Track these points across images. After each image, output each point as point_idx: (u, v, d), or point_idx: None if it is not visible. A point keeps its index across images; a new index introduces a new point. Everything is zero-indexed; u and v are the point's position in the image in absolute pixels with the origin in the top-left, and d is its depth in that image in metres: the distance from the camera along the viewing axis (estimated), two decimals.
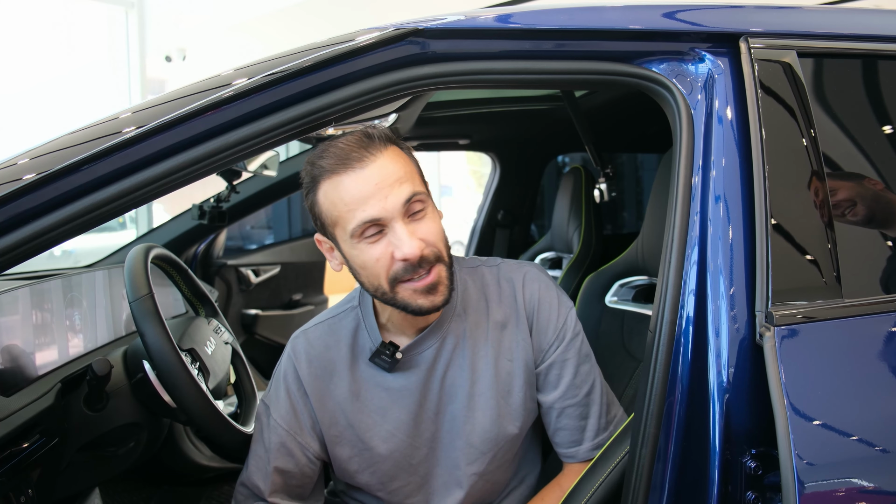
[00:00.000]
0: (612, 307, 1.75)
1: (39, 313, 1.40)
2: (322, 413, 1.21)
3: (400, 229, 1.04)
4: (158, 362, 1.30)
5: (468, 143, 2.98)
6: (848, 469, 0.93)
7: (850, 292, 1.03)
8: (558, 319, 1.23)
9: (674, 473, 1.01)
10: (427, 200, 1.10)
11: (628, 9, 1.15)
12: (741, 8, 1.17)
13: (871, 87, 1.19)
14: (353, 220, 1.05)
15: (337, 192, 1.06)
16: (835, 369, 0.99)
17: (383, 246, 1.06)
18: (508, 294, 1.23)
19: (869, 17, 1.24)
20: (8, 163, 0.93)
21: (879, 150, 1.16)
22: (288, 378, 1.23)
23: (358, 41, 1.04)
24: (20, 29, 6.23)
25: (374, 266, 1.07)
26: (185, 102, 0.98)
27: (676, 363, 1.02)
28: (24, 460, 1.13)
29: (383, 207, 1.04)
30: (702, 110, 1.10)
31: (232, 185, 2.31)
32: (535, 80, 1.14)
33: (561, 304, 1.24)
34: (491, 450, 1.21)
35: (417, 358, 1.19)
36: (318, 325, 1.26)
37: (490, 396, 1.20)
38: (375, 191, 1.04)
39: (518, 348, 1.22)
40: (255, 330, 3.05)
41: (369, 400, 1.20)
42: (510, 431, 1.22)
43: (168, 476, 2.07)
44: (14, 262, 0.91)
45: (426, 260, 1.06)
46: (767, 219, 1.02)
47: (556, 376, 1.22)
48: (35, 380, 1.30)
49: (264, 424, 1.24)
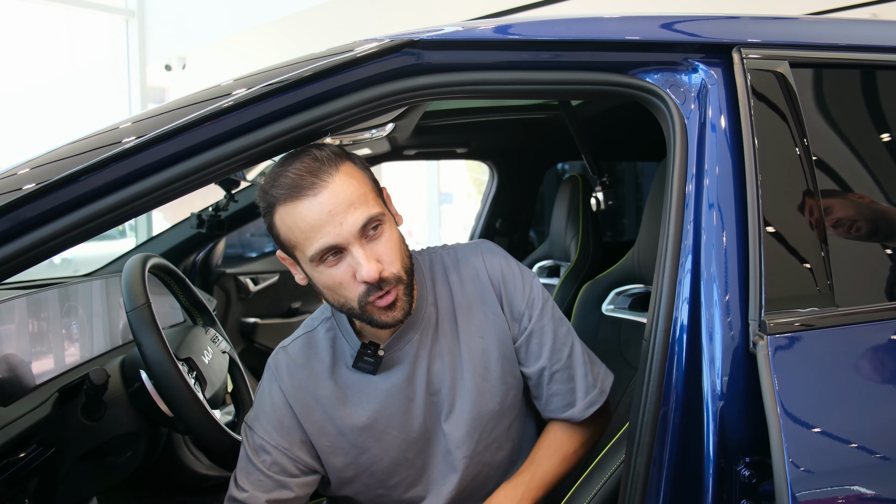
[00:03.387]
0: (608, 315, 1.75)
1: (37, 323, 1.40)
2: (310, 425, 1.20)
3: (357, 253, 1.05)
4: (155, 372, 1.31)
5: (466, 151, 2.99)
6: (841, 477, 0.93)
7: (843, 301, 1.03)
8: (524, 288, 1.24)
9: (669, 481, 1.01)
10: (383, 219, 1.09)
11: (623, 20, 1.16)
12: (734, 19, 1.18)
13: (863, 97, 1.20)
14: (310, 248, 1.06)
15: (292, 219, 1.06)
16: (828, 378, 0.99)
17: (344, 268, 1.07)
18: (471, 274, 1.25)
19: (862, 28, 1.26)
20: (8, 173, 0.94)
21: (872, 159, 1.16)
22: (273, 395, 1.21)
23: (354, 52, 1.05)
24: (22, 37, 6.26)
25: (339, 289, 1.09)
26: (184, 113, 0.99)
27: (671, 371, 1.03)
28: (22, 470, 1.14)
29: (338, 234, 1.04)
30: (695, 120, 1.11)
31: (230, 194, 2.32)
32: (530, 90, 1.15)
33: (523, 273, 1.27)
34: (476, 430, 1.22)
35: (399, 354, 1.20)
36: (296, 341, 1.26)
37: (468, 378, 1.21)
38: (329, 218, 1.04)
39: (489, 325, 1.23)
40: (254, 338, 3.06)
41: (357, 405, 1.20)
42: (492, 408, 1.22)
43: (167, 485, 2.07)
44: (14, 271, 0.92)
45: (386, 281, 1.08)
46: (761, 228, 1.03)
47: (538, 345, 1.24)
48: (33, 389, 1.30)
49: (250, 446, 1.20)
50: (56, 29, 6.66)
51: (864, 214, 1.13)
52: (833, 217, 1.09)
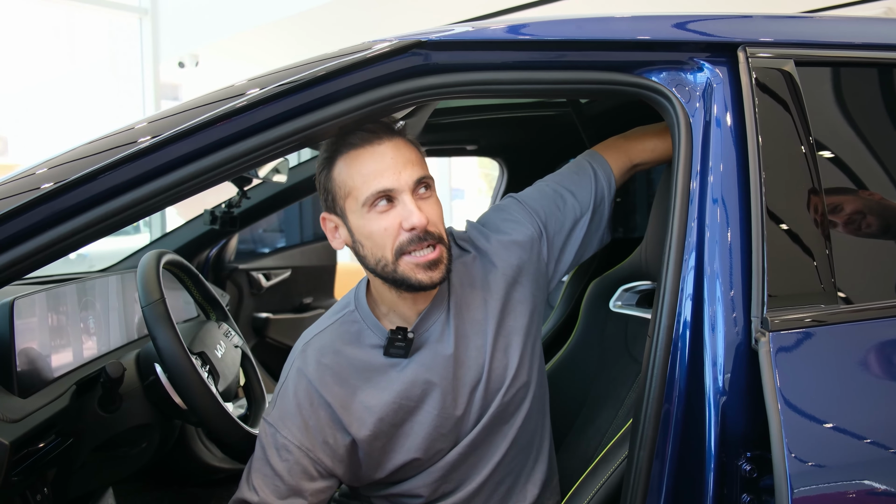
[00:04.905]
0: (616, 312, 1.76)
1: (56, 317, 1.44)
2: (349, 418, 1.20)
3: (409, 202, 1.13)
4: (169, 365, 1.34)
5: (475, 148, 3.00)
6: (840, 473, 0.95)
7: (845, 298, 1.04)
8: (512, 213, 1.33)
9: (671, 476, 1.03)
10: (432, 184, 1.19)
11: (630, 20, 1.17)
12: (740, 18, 1.19)
13: (868, 96, 1.20)
14: (367, 190, 1.13)
15: (355, 165, 1.15)
16: (829, 374, 1.00)
17: (392, 217, 1.13)
18: (479, 254, 1.31)
19: (867, 26, 1.26)
20: (27, 172, 0.96)
21: (876, 158, 1.17)
22: (299, 393, 1.21)
23: (364, 53, 1.07)
24: (38, 35, 6.33)
25: (382, 235, 1.14)
26: (197, 113, 1.01)
27: (674, 367, 1.04)
28: (41, 459, 1.17)
29: (397, 180, 1.13)
30: (700, 118, 1.12)
31: (243, 190, 2.35)
32: (536, 89, 1.16)
33: (500, 208, 1.35)
34: (503, 402, 1.24)
35: (426, 335, 1.23)
36: (321, 334, 1.26)
37: (492, 351, 1.24)
38: (391, 164, 1.13)
39: (516, 298, 1.28)
40: (266, 333, 3.09)
41: (394, 391, 1.21)
42: (519, 379, 1.25)
43: (180, 477, 2.10)
44: (33, 267, 0.94)
45: (431, 235, 1.14)
46: (764, 225, 1.04)
47: (555, 208, 1.34)
48: (51, 382, 1.33)
49: (270, 445, 1.19)
50: (70, 26, 6.73)
51: (868, 213, 1.14)
52: (836, 215, 1.10)
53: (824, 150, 1.11)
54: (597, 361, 1.72)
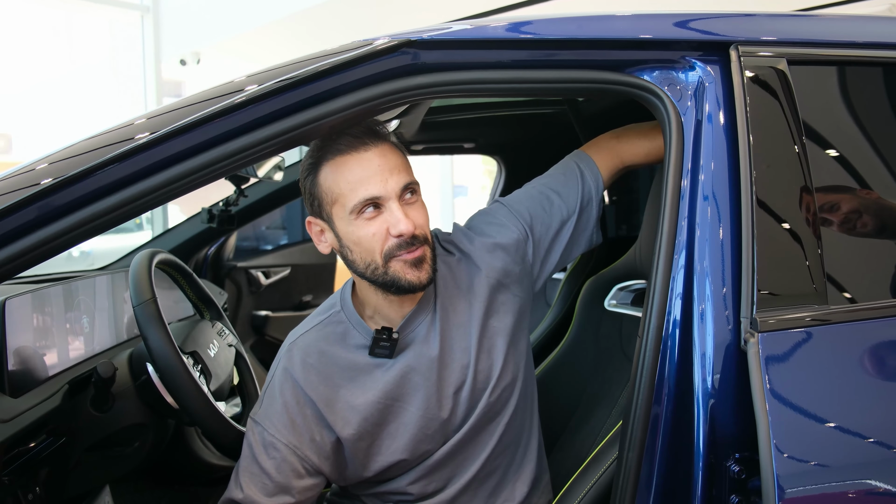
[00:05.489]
0: (611, 311, 1.76)
1: (48, 317, 1.44)
2: (333, 417, 1.21)
3: (396, 209, 1.14)
4: (161, 365, 1.34)
5: (473, 146, 3.00)
6: (828, 475, 0.94)
7: (835, 299, 1.04)
8: (497, 217, 1.33)
9: (660, 476, 1.02)
10: (418, 189, 1.20)
11: (621, 19, 1.17)
12: (732, 16, 1.18)
13: (860, 94, 1.19)
14: (354, 198, 1.13)
15: (341, 172, 1.15)
16: (818, 376, 1.00)
17: (379, 223, 1.14)
18: (463, 257, 1.31)
19: (860, 25, 1.25)
20: (27, 168, 0.96)
21: (868, 156, 1.16)
22: (285, 392, 1.22)
23: (353, 52, 1.06)
24: (39, 33, 6.35)
25: (370, 241, 1.15)
26: (192, 111, 1.01)
27: (663, 367, 1.04)
28: (33, 459, 1.17)
29: (384, 188, 1.13)
30: (691, 117, 1.11)
31: (240, 189, 2.35)
32: (527, 88, 1.15)
33: (485, 212, 1.36)
34: (488, 401, 1.24)
35: (411, 336, 1.23)
36: (306, 334, 1.27)
37: (477, 352, 1.24)
38: (378, 172, 1.14)
39: (501, 299, 1.28)
40: (265, 331, 3.09)
41: (378, 391, 1.21)
42: (502, 379, 1.25)
43: (179, 476, 2.10)
44: (31, 263, 0.94)
45: (417, 239, 1.15)
46: (754, 224, 1.03)
47: (542, 209, 1.33)
48: (43, 381, 1.33)
49: (258, 443, 1.20)
50: (72, 25, 6.75)
51: (859, 212, 1.13)
52: (828, 215, 1.09)
53: (816, 150, 1.10)
54: (592, 361, 1.72)
